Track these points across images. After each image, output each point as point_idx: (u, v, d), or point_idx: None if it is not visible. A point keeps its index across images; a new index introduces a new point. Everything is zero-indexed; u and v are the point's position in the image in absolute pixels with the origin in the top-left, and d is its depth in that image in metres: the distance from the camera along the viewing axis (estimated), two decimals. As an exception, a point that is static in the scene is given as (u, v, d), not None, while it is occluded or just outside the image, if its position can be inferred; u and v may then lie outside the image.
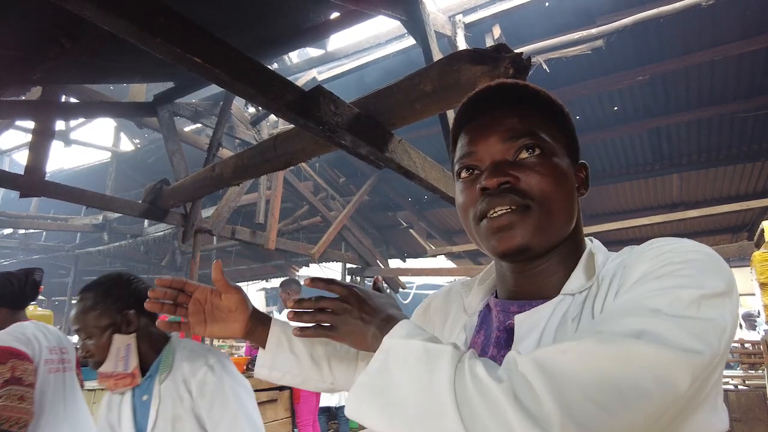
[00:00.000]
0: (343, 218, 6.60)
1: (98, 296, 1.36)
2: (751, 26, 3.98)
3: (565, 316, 0.59)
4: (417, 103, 1.80)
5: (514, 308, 0.65)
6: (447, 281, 14.78)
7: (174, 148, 3.58)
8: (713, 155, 5.83)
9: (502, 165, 0.61)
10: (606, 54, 4.07)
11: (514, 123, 0.63)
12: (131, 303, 1.37)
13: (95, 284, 1.40)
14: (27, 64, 2.44)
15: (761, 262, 3.32)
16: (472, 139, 0.65)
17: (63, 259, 9.73)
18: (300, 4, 2.62)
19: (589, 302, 0.58)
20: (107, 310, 1.34)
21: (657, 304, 0.46)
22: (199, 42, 1.36)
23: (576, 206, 0.65)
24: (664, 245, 0.56)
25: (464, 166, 0.66)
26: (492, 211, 0.60)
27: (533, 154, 0.62)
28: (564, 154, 0.65)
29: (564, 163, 0.63)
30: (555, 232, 0.62)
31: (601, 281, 0.59)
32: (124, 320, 1.35)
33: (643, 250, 0.58)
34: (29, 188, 2.99)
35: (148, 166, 7.31)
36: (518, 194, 0.60)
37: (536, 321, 0.60)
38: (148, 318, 1.41)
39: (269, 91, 1.55)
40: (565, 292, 0.61)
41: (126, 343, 1.32)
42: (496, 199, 0.60)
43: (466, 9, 3.73)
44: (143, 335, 1.38)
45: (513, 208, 0.59)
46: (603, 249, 0.67)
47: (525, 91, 0.64)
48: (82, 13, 1.17)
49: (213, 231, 4.34)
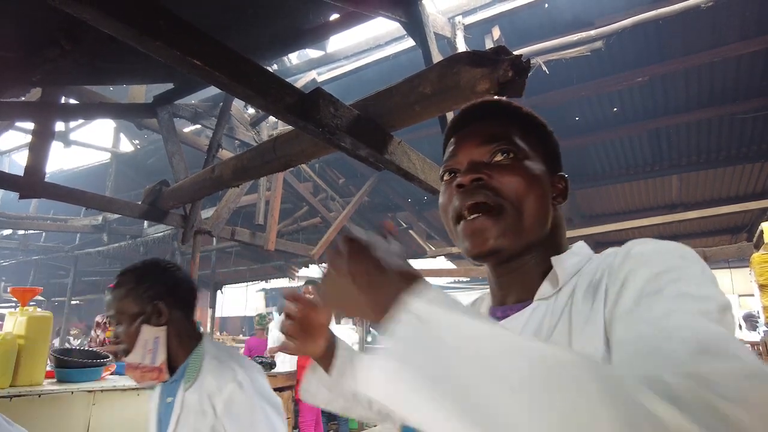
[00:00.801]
0: (342, 219, 6.60)
1: (131, 282, 1.26)
2: (750, 28, 3.99)
3: (541, 324, 0.59)
4: (416, 105, 1.80)
5: (499, 313, 0.68)
6: (447, 282, 14.78)
7: (173, 150, 3.59)
8: (713, 156, 5.84)
9: (477, 164, 0.66)
10: (605, 55, 4.07)
11: (492, 129, 0.68)
12: (164, 293, 1.26)
13: (131, 269, 1.30)
14: (27, 65, 2.44)
15: (761, 263, 3.32)
16: (455, 145, 0.71)
17: (62, 260, 9.73)
18: (300, 6, 2.63)
19: (566, 310, 0.58)
20: (138, 298, 1.24)
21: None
22: (199, 45, 1.36)
23: (549, 212, 0.67)
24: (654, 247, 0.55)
25: (446, 169, 0.71)
26: (466, 211, 0.64)
27: (507, 157, 0.66)
28: (539, 162, 0.68)
29: (537, 168, 0.67)
30: (525, 233, 0.64)
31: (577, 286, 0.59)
32: (155, 311, 1.24)
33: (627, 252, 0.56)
34: (29, 189, 2.99)
35: (147, 167, 7.31)
36: (489, 190, 0.63)
37: (514, 327, 0.61)
38: (183, 312, 1.30)
39: (269, 94, 1.55)
40: (537, 297, 0.63)
41: (155, 335, 1.22)
42: (468, 194, 0.64)
43: (465, 11, 3.74)
44: (174, 330, 1.26)
45: (484, 205, 0.63)
46: (582, 251, 0.67)
47: (505, 106, 0.71)
48: (83, 16, 1.17)
49: (212, 232, 4.34)
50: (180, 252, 8.37)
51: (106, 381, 3.40)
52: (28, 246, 8.84)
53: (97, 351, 3.76)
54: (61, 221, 7.36)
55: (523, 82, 1.67)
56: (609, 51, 3.91)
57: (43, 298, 12.83)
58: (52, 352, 3.28)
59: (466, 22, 3.76)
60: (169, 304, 1.26)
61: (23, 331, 3.07)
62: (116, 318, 1.25)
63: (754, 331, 6.74)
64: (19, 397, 2.78)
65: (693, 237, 7.72)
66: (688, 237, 7.74)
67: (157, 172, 6.60)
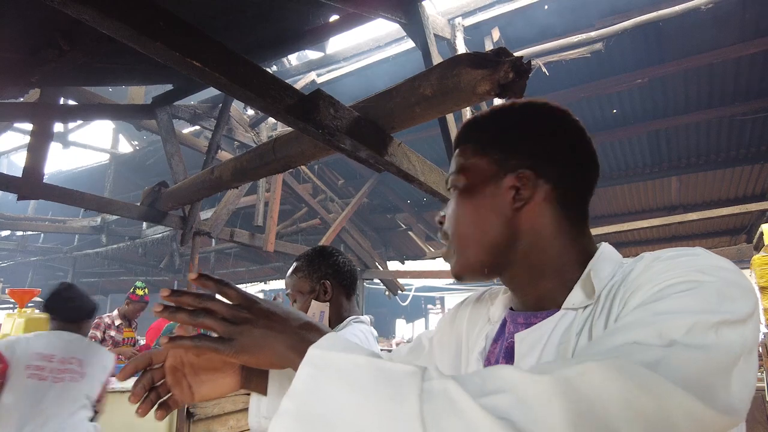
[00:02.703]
0: (342, 220, 6.59)
1: (304, 264, 1.48)
2: (749, 30, 3.99)
3: (568, 331, 0.57)
4: (417, 106, 1.79)
5: (521, 319, 0.65)
6: (446, 284, 14.77)
7: (172, 151, 3.58)
8: (712, 158, 5.84)
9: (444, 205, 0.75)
10: (605, 57, 4.07)
11: (454, 164, 0.72)
12: (329, 274, 1.47)
13: (305, 254, 1.53)
14: (25, 66, 2.43)
15: (761, 265, 3.31)
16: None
17: (61, 261, 9.71)
18: (299, 7, 2.62)
19: (589, 320, 0.56)
20: (309, 277, 1.46)
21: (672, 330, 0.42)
22: (198, 46, 1.35)
23: (499, 227, 0.63)
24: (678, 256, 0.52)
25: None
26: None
27: (454, 192, 0.70)
28: (487, 178, 0.65)
29: (478, 190, 0.66)
30: (471, 260, 0.66)
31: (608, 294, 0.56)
32: (322, 288, 1.44)
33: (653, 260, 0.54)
34: (27, 191, 2.98)
35: (146, 168, 7.30)
36: (444, 232, 0.70)
37: (537, 337, 0.59)
38: (344, 292, 1.50)
39: (268, 95, 1.54)
40: (566, 306, 0.60)
41: (321, 309, 1.42)
42: (441, 234, 0.72)
43: (465, 12, 3.74)
44: (334, 306, 1.46)
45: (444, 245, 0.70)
46: (612, 258, 0.62)
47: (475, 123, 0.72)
48: (82, 17, 1.16)
49: (211, 233, 4.33)
50: (179, 253, 8.36)
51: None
52: (26, 247, 8.81)
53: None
54: (60, 222, 7.34)
55: (523, 83, 1.66)
56: (609, 52, 3.91)
57: (42, 299, 12.80)
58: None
59: (466, 23, 3.76)
60: (334, 284, 1.46)
61: (21, 332, 3.06)
62: (292, 294, 1.48)
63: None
64: (16, 400, 2.75)
65: (692, 238, 7.72)
66: (687, 238, 7.74)
67: (156, 173, 6.59)
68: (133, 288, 4.43)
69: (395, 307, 16.29)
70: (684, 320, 0.42)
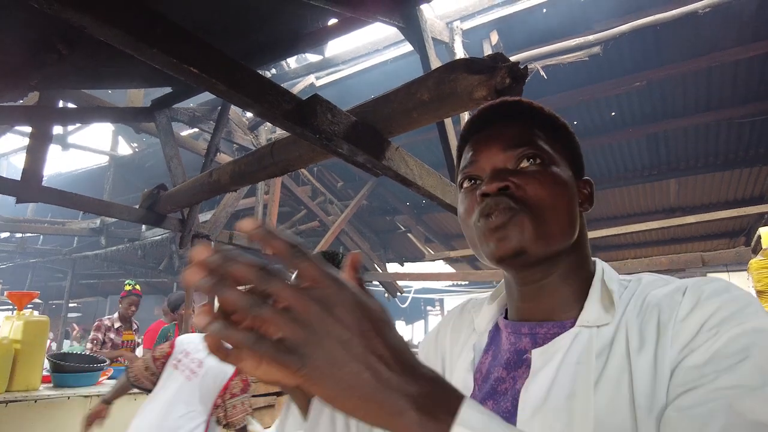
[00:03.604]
0: (341, 222, 6.60)
1: None
2: (747, 33, 4.00)
3: (587, 350, 0.55)
4: (414, 111, 1.80)
5: (525, 330, 0.64)
6: (445, 286, 14.77)
7: (172, 153, 3.58)
8: (711, 160, 5.85)
9: (503, 172, 0.61)
10: (603, 60, 4.09)
11: (516, 133, 0.64)
12: None
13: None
14: (24, 70, 2.44)
15: (758, 269, 3.32)
16: (475, 150, 0.66)
17: (60, 263, 9.71)
18: (298, 11, 2.63)
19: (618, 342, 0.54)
20: None
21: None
22: (196, 51, 1.36)
23: (577, 219, 0.63)
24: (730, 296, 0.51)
25: (466, 176, 0.66)
26: (490, 216, 0.60)
27: (534, 163, 0.62)
28: (566, 167, 0.65)
29: (565, 174, 0.63)
30: (552, 240, 0.60)
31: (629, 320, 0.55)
32: None
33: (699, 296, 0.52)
34: (26, 194, 2.98)
35: (145, 170, 7.31)
36: (516, 200, 0.60)
37: (552, 353, 0.58)
38: None
39: (265, 100, 1.55)
40: (581, 323, 0.58)
41: None
42: (493, 203, 0.60)
43: (463, 16, 3.75)
44: None
45: (511, 211, 0.59)
46: (614, 275, 0.63)
47: (528, 107, 0.65)
48: (80, 23, 1.17)
49: (210, 236, 4.34)
50: (178, 255, 8.36)
51: (102, 386, 3.39)
52: (25, 249, 8.81)
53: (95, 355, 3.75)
54: (59, 224, 7.35)
55: (520, 88, 1.67)
56: (607, 56, 3.92)
57: (41, 301, 12.80)
58: (49, 357, 3.27)
59: (464, 27, 3.77)
60: None
61: (20, 335, 3.06)
62: None
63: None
64: (15, 403, 2.76)
65: (691, 241, 7.74)
66: (686, 241, 7.75)
67: (156, 176, 6.59)
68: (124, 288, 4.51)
69: (395, 309, 16.28)
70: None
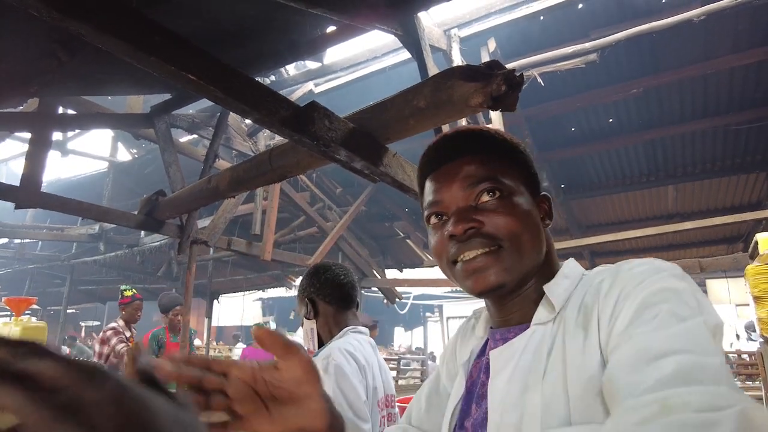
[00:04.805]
0: (339, 228, 6.60)
1: (299, 286, 1.55)
2: (742, 41, 4.04)
3: (538, 348, 0.60)
4: (411, 118, 1.82)
5: (497, 335, 0.68)
6: (444, 292, 14.76)
7: (171, 160, 3.59)
8: (708, 167, 5.88)
9: (466, 211, 0.64)
10: (600, 67, 4.12)
11: (474, 169, 0.66)
12: (313, 292, 1.49)
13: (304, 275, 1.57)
14: (24, 77, 2.46)
15: (754, 275, 3.32)
16: (436, 188, 0.69)
17: (58, 269, 9.70)
18: (296, 19, 2.65)
19: (560, 334, 0.59)
20: (300, 298, 1.52)
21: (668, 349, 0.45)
22: (194, 59, 1.37)
23: (543, 237, 0.67)
24: (642, 269, 0.56)
25: (432, 212, 0.69)
26: (462, 256, 0.64)
27: (494, 197, 0.65)
28: (524, 192, 0.68)
29: (524, 200, 0.67)
30: (526, 267, 0.64)
31: (568, 310, 0.60)
32: (309, 307, 1.49)
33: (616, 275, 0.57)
34: (25, 199, 2.99)
35: (145, 176, 7.32)
36: (485, 237, 0.63)
37: (510, 354, 0.62)
38: (333, 307, 1.49)
39: (263, 107, 1.56)
40: (535, 322, 0.63)
41: (310, 327, 1.48)
42: (463, 245, 0.63)
43: (461, 23, 3.77)
44: (322, 322, 1.48)
45: (484, 251, 0.62)
46: (574, 272, 0.67)
47: (481, 136, 0.69)
48: (79, 32, 1.18)
49: (209, 242, 4.34)
50: (177, 261, 8.36)
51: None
52: (24, 255, 8.81)
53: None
54: (58, 230, 7.35)
55: (516, 96, 1.68)
56: (604, 63, 3.95)
57: (39, 307, 12.76)
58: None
59: (462, 34, 3.79)
60: (319, 301, 1.49)
61: (17, 342, 3.05)
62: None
63: (755, 341, 6.77)
64: (11, 409, 2.75)
65: (689, 247, 7.75)
66: (684, 247, 7.76)
67: (155, 181, 6.60)
68: (120, 294, 4.26)
69: (394, 316, 16.25)
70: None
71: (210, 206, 4.46)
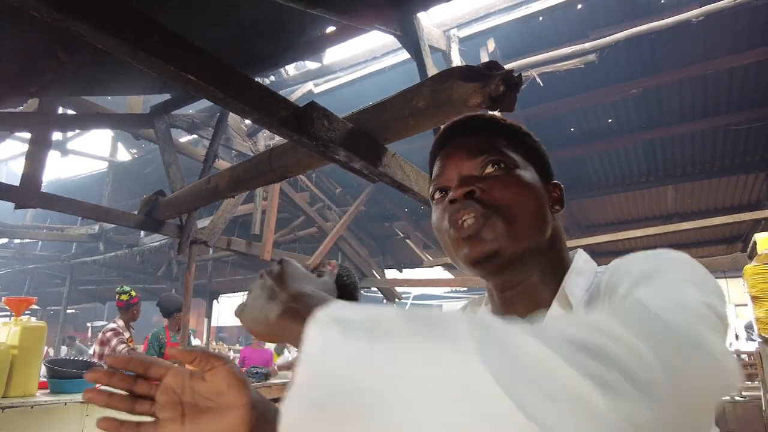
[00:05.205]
0: (339, 228, 6.61)
1: None
2: (741, 41, 4.04)
3: None
4: (410, 119, 1.82)
5: None
6: (444, 292, 14.75)
7: (170, 160, 3.60)
8: (707, 167, 5.88)
9: (468, 178, 0.65)
10: (599, 68, 4.12)
11: (480, 142, 0.67)
12: None
13: None
14: (24, 77, 2.46)
15: (753, 275, 3.33)
16: (442, 162, 0.70)
17: (58, 269, 9.70)
18: (296, 20, 2.66)
19: None
20: None
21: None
22: (194, 59, 1.38)
23: (547, 219, 0.67)
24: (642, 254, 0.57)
25: (437, 188, 0.69)
26: (459, 221, 0.63)
27: (499, 168, 0.65)
28: (532, 170, 0.68)
29: (530, 175, 0.67)
30: (522, 238, 0.63)
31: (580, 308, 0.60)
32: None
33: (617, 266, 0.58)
34: (25, 199, 2.99)
35: (144, 176, 7.32)
36: (484, 204, 0.62)
37: None
38: None
39: (262, 107, 1.57)
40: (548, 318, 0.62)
41: None
42: (461, 207, 0.63)
43: (460, 23, 3.78)
44: None
45: (479, 215, 0.62)
46: (588, 268, 0.66)
47: (491, 120, 0.69)
48: (79, 32, 1.19)
49: (209, 242, 4.35)
50: (176, 261, 8.36)
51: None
52: (24, 255, 8.81)
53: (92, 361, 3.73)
54: (58, 230, 7.35)
55: (514, 96, 1.69)
56: (603, 63, 3.96)
57: (39, 307, 12.77)
58: (46, 362, 3.26)
59: (461, 34, 3.80)
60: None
61: (17, 341, 3.05)
62: None
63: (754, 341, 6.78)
64: (11, 408, 2.75)
65: (689, 247, 7.75)
66: (683, 247, 7.77)
67: (155, 181, 6.61)
68: (117, 296, 4.19)
69: (393, 316, 16.22)
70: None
71: (210, 206, 4.46)
